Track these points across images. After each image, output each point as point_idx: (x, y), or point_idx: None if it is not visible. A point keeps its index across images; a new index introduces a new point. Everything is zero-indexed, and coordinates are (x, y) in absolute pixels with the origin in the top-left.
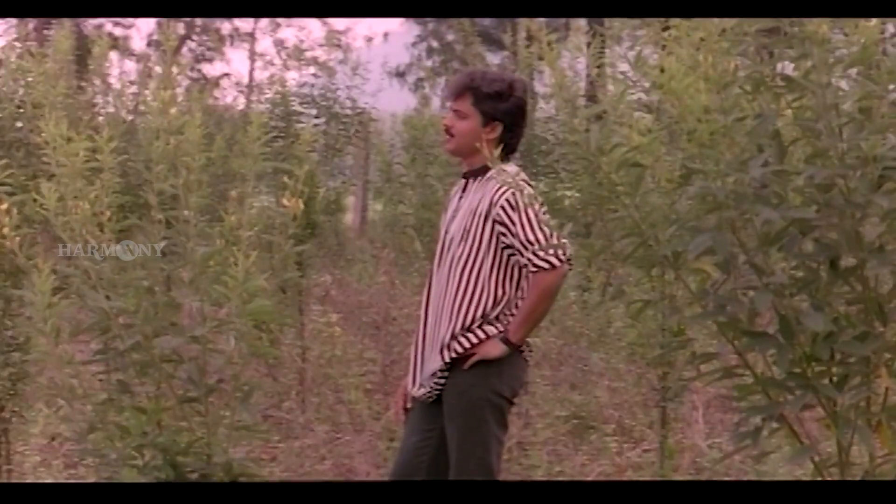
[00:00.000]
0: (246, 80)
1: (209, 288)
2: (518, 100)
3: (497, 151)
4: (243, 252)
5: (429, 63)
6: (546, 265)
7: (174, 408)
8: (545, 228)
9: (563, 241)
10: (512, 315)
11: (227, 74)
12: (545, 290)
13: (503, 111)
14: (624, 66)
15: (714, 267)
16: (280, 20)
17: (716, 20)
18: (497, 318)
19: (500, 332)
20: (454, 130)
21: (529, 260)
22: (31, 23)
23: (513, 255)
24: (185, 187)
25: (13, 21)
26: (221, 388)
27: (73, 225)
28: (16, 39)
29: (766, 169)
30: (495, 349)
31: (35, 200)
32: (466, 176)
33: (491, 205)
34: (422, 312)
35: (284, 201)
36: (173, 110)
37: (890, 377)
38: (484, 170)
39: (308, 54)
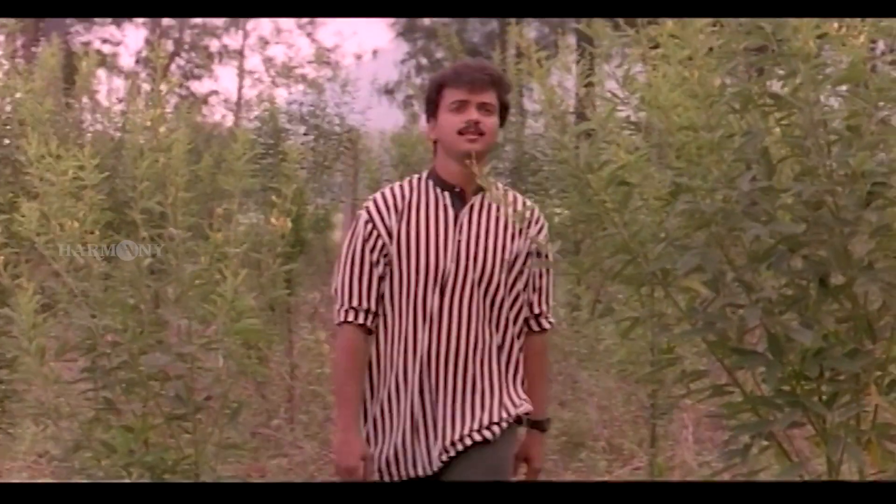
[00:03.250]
0: (235, 98)
1: (196, 306)
2: None
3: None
4: (231, 270)
5: (417, 80)
6: (552, 323)
7: (161, 426)
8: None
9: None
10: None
11: (215, 92)
12: (549, 355)
13: (508, 107)
14: (612, 84)
15: (703, 284)
16: (268, 37)
17: (702, 37)
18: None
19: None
20: (485, 127)
21: (543, 312)
22: (19, 40)
23: (520, 299)
24: (172, 205)
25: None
26: (209, 405)
27: (59, 243)
28: (2, 56)
29: (755, 186)
30: (540, 446)
31: (21, 218)
32: (458, 190)
33: (532, 232)
34: (417, 364)
35: (272, 219)
36: (161, 128)
37: (879, 394)
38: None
39: (297, 71)
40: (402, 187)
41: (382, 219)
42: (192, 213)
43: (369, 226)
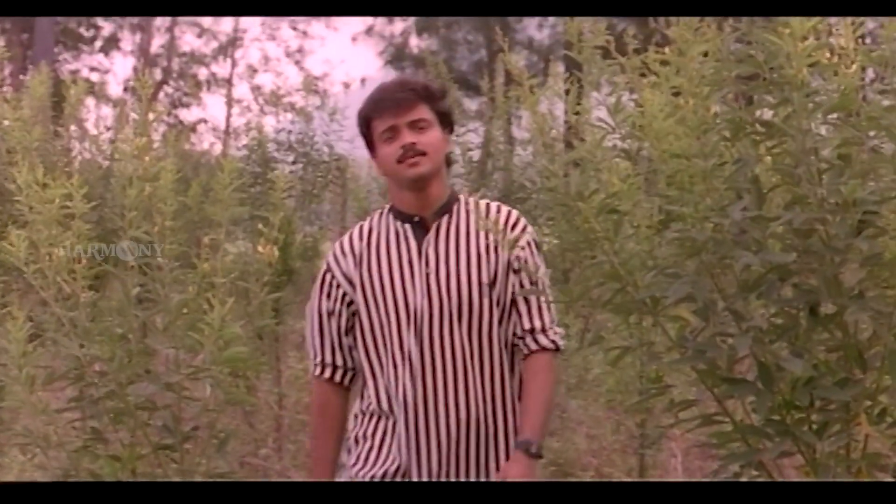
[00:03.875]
0: (223, 126)
1: (184, 335)
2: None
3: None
4: (218, 299)
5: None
6: (560, 343)
7: (149, 455)
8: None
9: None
10: None
11: (203, 120)
12: (555, 377)
13: (451, 112)
14: (602, 112)
15: (693, 313)
16: (257, 65)
17: (696, 65)
18: None
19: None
20: (424, 145)
21: (538, 327)
22: (7, 68)
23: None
24: (159, 234)
25: None
26: (197, 435)
27: (47, 272)
28: None
29: (746, 214)
30: (522, 468)
31: (9, 247)
32: (417, 219)
33: (509, 242)
34: (402, 414)
35: (259, 248)
36: (148, 157)
37: (870, 424)
38: (448, 204)
39: (285, 100)
40: (360, 228)
41: (340, 266)
42: (180, 242)
43: (328, 276)
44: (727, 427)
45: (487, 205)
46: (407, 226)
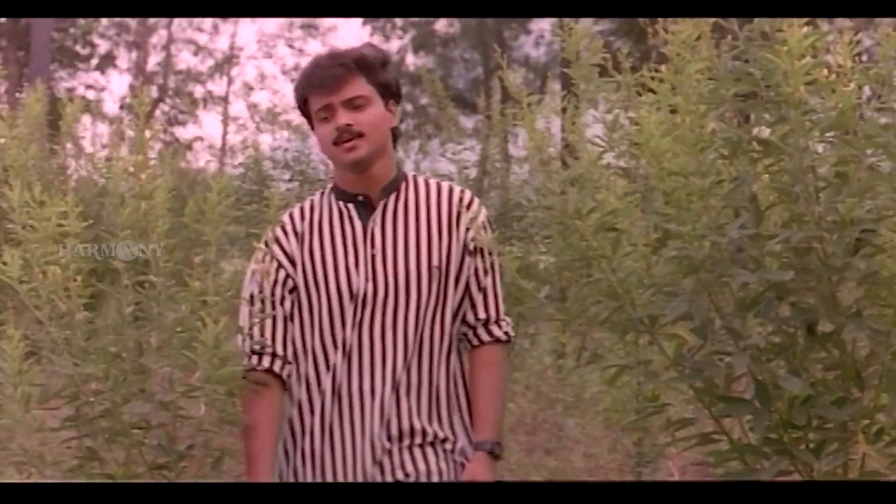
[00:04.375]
0: (219, 144)
1: (179, 354)
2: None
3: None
4: (213, 318)
5: (402, 127)
6: (511, 334)
7: (144, 475)
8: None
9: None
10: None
11: (199, 138)
12: (507, 371)
13: (395, 81)
14: (599, 129)
15: (690, 332)
16: (253, 83)
17: (693, 83)
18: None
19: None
20: (362, 126)
21: (491, 317)
22: (3, 86)
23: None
24: (153, 252)
25: None
26: (192, 454)
27: (41, 291)
28: None
29: (743, 232)
30: (487, 470)
31: (4, 265)
32: (362, 198)
33: (465, 224)
34: (336, 409)
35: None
36: (143, 175)
37: (867, 443)
38: (396, 182)
39: (281, 118)
40: (302, 209)
41: (282, 246)
42: (175, 260)
43: (267, 257)
44: (724, 446)
45: (438, 184)
46: (351, 206)
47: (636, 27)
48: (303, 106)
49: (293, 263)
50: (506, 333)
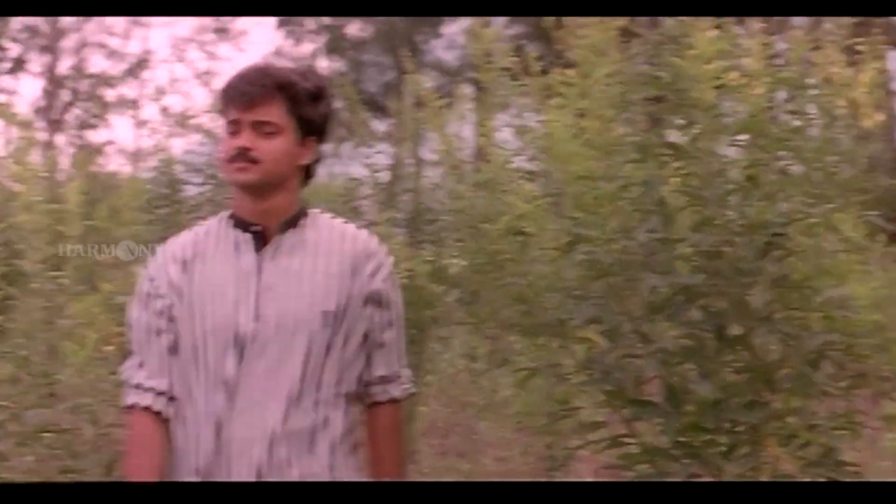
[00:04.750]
0: (131, 148)
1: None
2: (331, 101)
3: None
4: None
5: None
6: (410, 390)
7: (53, 477)
8: None
9: None
10: None
11: (111, 142)
12: (405, 432)
13: (323, 119)
14: (509, 134)
15: (600, 335)
16: (165, 87)
17: (602, 87)
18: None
19: None
20: (259, 153)
21: (389, 376)
22: None
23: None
24: (64, 255)
25: None
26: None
27: None
28: None
29: (653, 236)
30: None
31: None
32: (258, 228)
33: (369, 273)
34: (218, 448)
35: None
36: (55, 178)
37: (778, 446)
38: (297, 218)
39: (193, 121)
40: (195, 233)
41: (168, 273)
42: (87, 263)
43: (150, 285)
44: (635, 449)
45: (344, 226)
46: (247, 235)
47: (547, 30)
48: (222, 111)
49: (179, 293)
50: (404, 391)
